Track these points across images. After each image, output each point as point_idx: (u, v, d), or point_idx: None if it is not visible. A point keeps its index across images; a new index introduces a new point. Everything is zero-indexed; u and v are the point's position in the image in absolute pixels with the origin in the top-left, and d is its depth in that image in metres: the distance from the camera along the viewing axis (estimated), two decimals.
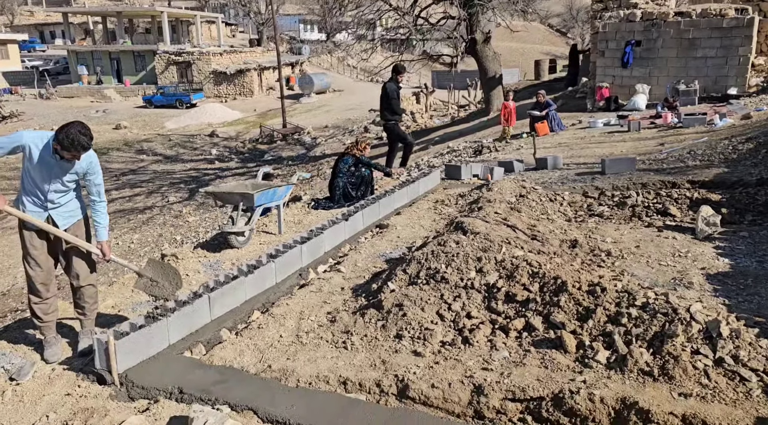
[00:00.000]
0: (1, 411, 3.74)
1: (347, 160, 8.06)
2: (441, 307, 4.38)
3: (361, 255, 6.12)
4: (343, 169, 7.99)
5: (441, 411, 3.52)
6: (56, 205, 4.18)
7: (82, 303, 4.43)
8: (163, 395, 3.83)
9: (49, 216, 4.16)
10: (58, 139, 3.82)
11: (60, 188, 4.12)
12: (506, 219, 5.82)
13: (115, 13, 50.22)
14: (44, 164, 3.96)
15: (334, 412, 3.53)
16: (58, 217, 4.20)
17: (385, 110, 10.04)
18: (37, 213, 4.11)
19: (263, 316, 4.88)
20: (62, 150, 3.85)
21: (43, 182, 4.04)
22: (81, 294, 4.39)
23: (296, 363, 4.10)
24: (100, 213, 4.31)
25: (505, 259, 4.55)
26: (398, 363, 3.92)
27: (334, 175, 8.10)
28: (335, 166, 8.16)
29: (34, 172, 4.00)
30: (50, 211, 4.16)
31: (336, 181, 8.02)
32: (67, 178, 4.08)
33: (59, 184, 4.08)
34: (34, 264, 4.18)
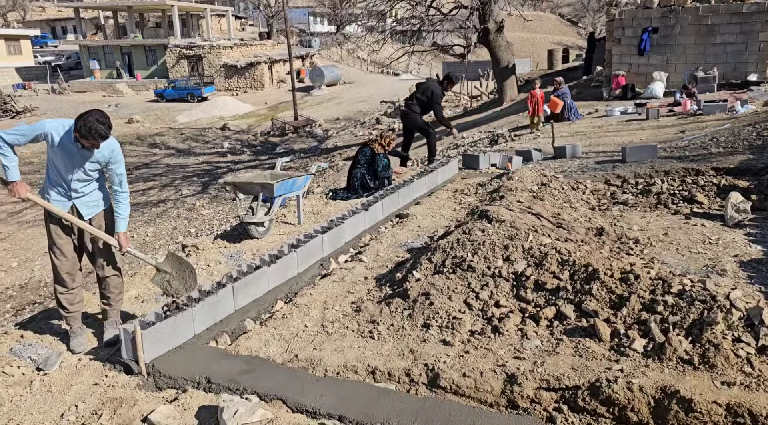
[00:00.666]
0: (30, 401, 3.72)
1: (366, 152, 7.99)
2: (468, 296, 4.31)
3: (383, 245, 6.07)
4: (362, 160, 7.94)
5: (473, 401, 3.47)
6: (80, 194, 4.16)
7: (108, 293, 4.40)
8: (191, 385, 3.80)
9: (73, 206, 4.15)
10: (77, 127, 3.80)
11: (83, 177, 4.08)
12: (530, 207, 5.74)
13: (126, 7, 50.27)
14: (66, 152, 3.94)
15: (364, 402, 3.48)
16: (82, 207, 4.18)
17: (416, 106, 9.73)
18: (62, 203, 4.10)
19: (287, 306, 4.84)
20: (81, 138, 3.82)
21: (66, 171, 4.02)
22: (106, 284, 4.36)
23: (323, 353, 4.06)
24: (122, 204, 4.26)
25: (533, 247, 4.48)
26: (427, 353, 3.86)
27: (354, 165, 8.03)
28: (355, 156, 8.10)
29: (57, 160, 3.99)
30: (74, 200, 4.14)
31: (354, 171, 7.96)
32: (90, 166, 4.05)
33: (81, 172, 4.05)
34: (59, 253, 4.16)
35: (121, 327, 3.99)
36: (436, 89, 9.76)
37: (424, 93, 9.72)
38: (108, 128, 3.86)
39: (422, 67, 54.36)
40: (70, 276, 4.22)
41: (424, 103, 9.69)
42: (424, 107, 9.74)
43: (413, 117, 9.64)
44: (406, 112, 9.79)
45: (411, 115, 9.66)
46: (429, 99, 9.65)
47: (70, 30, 64.99)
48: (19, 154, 4.10)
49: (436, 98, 9.70)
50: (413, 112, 9.61)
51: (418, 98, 9.71)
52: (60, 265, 4.17)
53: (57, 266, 4.18)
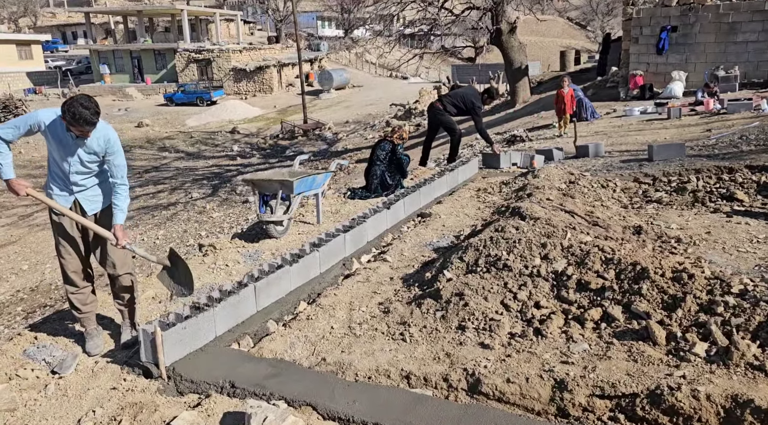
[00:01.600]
0: (45, 406, 3.51)
1: (385, 147, 7.76)
2: (506, 297, 4.07)
3: (407, 245, 5.83)
4: (381, 156, 7.70)
5: (518, 408, 3.22)
6: (81, 187, 3.90)
7: (121, 293, 4.17)
8: (215, 389, 3.58)
9: (75, 201, 3.92)
10: (63, 115, 3.56)
11: (81, 169, 3.83)
12: (562, 205, 5.49)
13: (136, 12, 50.38)
14: (61, 142, 3.72)
15: (400, 408, 3.24)
16: (84, 202, 3.93)
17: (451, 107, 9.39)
18: (63, 197, 3.88)
19: (311, 307, 4.61)
20: (69, 126, 3.59)
21: (63, 162, 3.78)
22: (118, 283, 4.11)
23: (352, 356, 3.82)
24: (120, 196, 3.97)
25: (573, 245, 4.23)
26: (465, 356, 3.62)
27: (372, 162, 7.80)
28: (372, 154, 7.86)
29: (55, 152, 3.78)
30: (76, 194, 3.91)
31: (373, 168, 7.72)
32: (86, 157, 3.79)
33: (79, 164, 3.80)
34: (65, 251, 3.95)
35: (141, 329, 3.77)
36: (477, 100, 9.41)
37: (463, 100, 9.34)
38: (95, 114, 3.58)
39: (430, 71, 54.23)
40: (78, 275, 4.01)
41: (460, 110, 9.35)
42: (459, 112, 9.40)
43: (445, 116, 9.23)
44: (437, 109, 9.34)
45: (442, 113, 9.27)
46: (467, 108, 9.30)
47: (81, 35, 65.24)
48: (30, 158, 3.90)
49: (477, 110, 9.37)
50: (446, 112, 9.25)
51: (455, 103, 9.34)
52: (66, 264, 3.97)
53: (63, 265, 3.98)
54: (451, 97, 9.59)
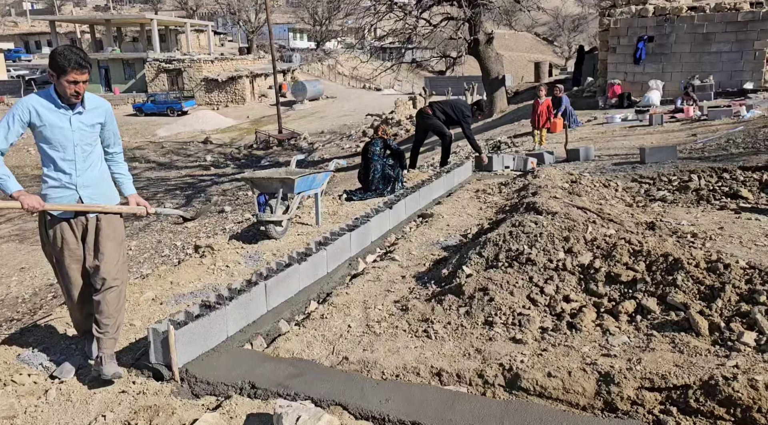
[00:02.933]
0: (47, 412, 3.23)
1: (377, 143, 7.65)
2: (532, 291, 3.93)
3: (413, 244, 5.67)
4: (377, 152, 7.58)
5: (561, 404, 3.06)
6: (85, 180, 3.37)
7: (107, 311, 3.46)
8: (234, 391, 3.35)
9: (80, 199, 3.39)
10: (55, 68, 3.14)
11: (86, 149, 3.35)
12: (572, 202, 5.40)
13: (104, 21, 49.56)
14: (57, 124, 3.24)
15: (437, 406, 3.06)
16: (87, 200, 3.40)
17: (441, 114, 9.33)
18: (67, 198, 3.36)
19: (323, 306, 4.40)
20: (66, 76, 3.13)
21: (63, 148, 3.28)
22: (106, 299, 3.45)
23: (376, 355, 3.64)
24: (123, 166, 3.64)
25: (597, 238, 4.12)
26: (497, 352, 3.46)
27: (368, 161, 7.64)
28: (365, 153, 7.72)
29: (52, 140, 3.26)
30: (80, 189, 3.38)
31: (372, 165, 7.56)
32: (88, 132, 3.34)
33: (81, 144, 3.32)
34: (70, 260, 3.41)
35: (150, 328, 3.52)
36: (467, 110, 9.47)
37: (453, 109, 9.36)
38: (85, 55, 3.21)
39: (403, 83, 54.48)
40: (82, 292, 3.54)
41: (449, 118, 9.32)
42: (448, 120, 9.35)
43: (434, 120, 9.18)
44: (427, 114, 9.29)
45: (431, 117, 9.21)
46: (457, 117, 9.30)
47: (45, 44, 63.85)
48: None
49: (467, 119, 9.40)
50: (435, 117, 9.19)
51: (445, 111, 9.30)
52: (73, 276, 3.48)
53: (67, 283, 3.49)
54: (441, 104, 9.61)
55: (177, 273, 5.18)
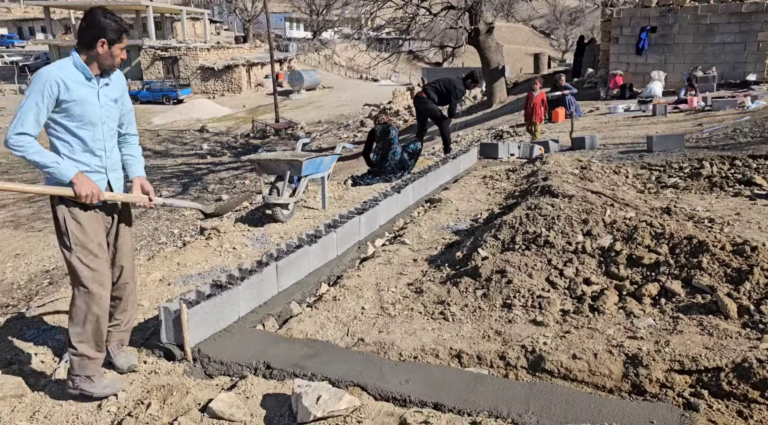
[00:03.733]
0: (57, 392, 3.12)
1: (391, 132, 7.55)
2: (551, 274, 3.85)
3: (423, 228, 5.58)
4: (395, 138, 7.50)
5: (587, 386, 2.99)
6: (113, 161, 3.05)
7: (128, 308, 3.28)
8: (248, 371, 3.26)
9: (108, 184, 3.04)
10: (102, 34, 2.77)
11: (113, 126, 3.02)
12: (585, 186, 5.31)
13: (99, 7, 48.96)
14: (87, 98, 2.84)
15: (459, 387, 2.98)
16: (115, 182, 3.09)
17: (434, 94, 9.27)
18: (98, 183, 2.92)
19: (335, 289, 4.31)
20: (113, 46, 2.81)
21: (94, 126, 2.89)
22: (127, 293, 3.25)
23: (392, 336, 3.55)
24: (137, 147, 3.25)
25: (617, 221, 4.04)
26: (518, 334, 3.38)
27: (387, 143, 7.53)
28: (376, 142, 7.61)
29: (82, 117, 2.84)
30: (109, 174, 3.03)
31: (392, 149, 7.46)
32: (113, 107, 2.98)
33: (110, 120, 2.97)
34: (98, 250, 2.96)
35: (162, 307, 3.42)
36: (459, 85, 9.52)
37: (446, 85, 9.39)
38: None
39: (400, 75, 54.25)
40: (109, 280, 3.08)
41: (443, 95, 9.33)
42: (441, 98, 9.37)
43: (429, 104, 9.25)
44: (421, 99, 9.36)
45: (426, 101, 9.26)
46: (449, 92, 9.32)
47: (39, 30, 63.17)
48: None
49: (457, 93, 9.45)
50: (429, 99, 9.21)
51: (437, 89, 9.36)
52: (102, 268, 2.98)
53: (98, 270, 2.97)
54: (432, 84, 9.58)
55: (183, 255, 5.08)
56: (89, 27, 2.82)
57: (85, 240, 2.93)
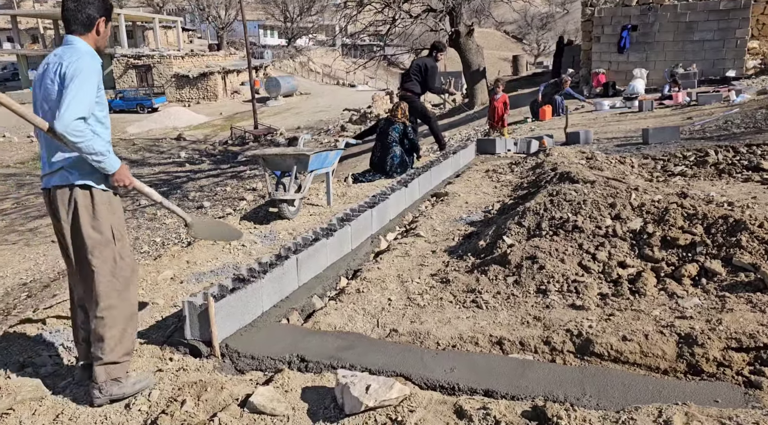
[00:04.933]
0: (78, 392, 2.93)
1: (397, 129, 7.39)
2: (583, 258, 3.76)
3: (435, 221, 5.46)
4: (396, 138, 7.34)
5: (639, 368, 2.89)
6: None
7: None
8: (282, 365, 3.10)
9: None
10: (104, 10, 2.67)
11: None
12: (600, 173, 5.25)
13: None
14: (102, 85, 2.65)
15: (506, 373, 2.86)
16: None
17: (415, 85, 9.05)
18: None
19: (356, 281, 4.17)
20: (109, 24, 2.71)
21: (106, 115, 2.71)
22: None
23: (426, 326, 3.42)
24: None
25: (646, 203, 3.97)
26: (559, 319, 3.28)
27: (385, 146, 7.37)
28: (381, 137, 7.46)
29: (104, 105, 2.68)
30: None
31: (390, 150, 7.31)
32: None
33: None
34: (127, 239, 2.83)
35: (187, 301, 3.25)
36: (429, 62, 9.10)
37: (419, 71, 9.08)
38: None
39: (376, 80, 54.26)
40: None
41: (421, 82, 9.06)
42: (422, 86, 9.09)
43: (413, 101, 8.87)
44: (404, 96, 9.02)
45: (410, 97, 8.90)
46: (424, 75, 9.03)
47: (4, 40, 61.86)
48: None
49: (430, 71, 9.02)
50: (414, 94, 8.89)
51: (414, 75, 9.05)
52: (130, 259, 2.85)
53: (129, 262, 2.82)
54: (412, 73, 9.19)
55: (192, 253, 4.89)
56: (85, 5, 2.62)
57: (123, 233, 2.80)
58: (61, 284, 13.84)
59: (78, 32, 2.63)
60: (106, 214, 2.70)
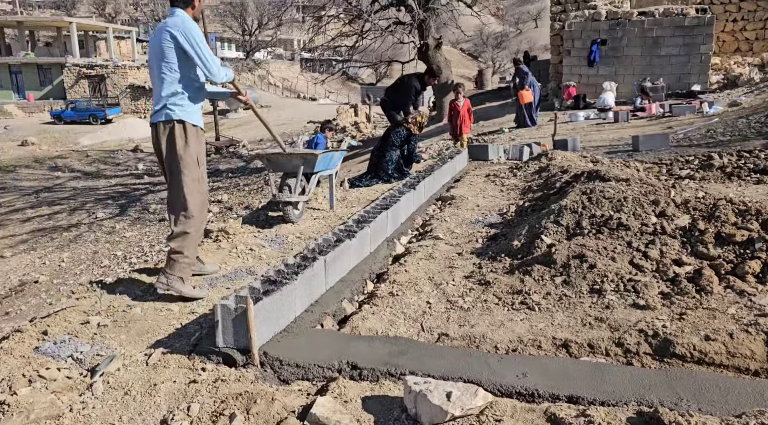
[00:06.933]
0: (102, 409, 2.55)
1: (400, 133, 7.15)
2: (634, 256, 3.56)
3: (450, 223, 5.21)
4: (396, 142, 7.08)
5: (726, 369, 2.69)
6: None
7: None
8: (332, 373, 2.78)
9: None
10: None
11: None
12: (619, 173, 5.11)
13: (15, 23, 46.36)
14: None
15: (584, 378, 2.62)
16: None
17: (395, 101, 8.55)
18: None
19: (386, 285, 3.87)
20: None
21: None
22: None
23: (479, 329, 3.16)
24: None
25: (691, 200, 3.82)
26: (625, 319, 3.06)
27: (385, 147, 7.11)
28: (385, 139, 7.19)
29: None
30: None
31: (389, 153, 7.04)
32: None
33: None
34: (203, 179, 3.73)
35: (219, 304, 2.89)
36: (416, 84, 8.67)
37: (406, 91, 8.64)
38: None
39: (335, 94, 54.07)
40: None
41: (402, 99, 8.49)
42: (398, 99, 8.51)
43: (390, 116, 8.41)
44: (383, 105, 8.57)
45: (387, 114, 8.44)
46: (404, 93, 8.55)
47: None
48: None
49: (412, 92, 8.58)
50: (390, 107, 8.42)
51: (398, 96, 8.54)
52: (204, 192, 3.72)
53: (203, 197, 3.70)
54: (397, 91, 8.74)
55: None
56: None
57: (203, 161, 3.72)
58: (13, 301, 13.01)
59: (180, 6, 3.59)
60: (194, 143, 3.61)
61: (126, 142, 34.41)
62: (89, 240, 17.82)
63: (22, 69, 44.30)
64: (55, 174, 28.24)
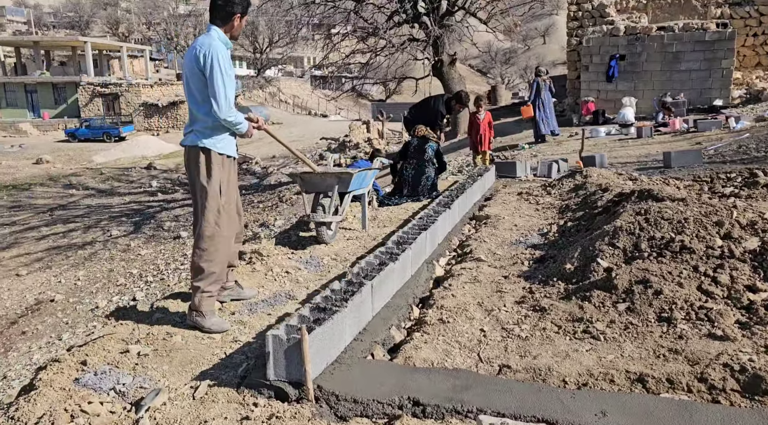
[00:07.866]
0: None
1: (433, 146, 7.01)
2: (702, 282, 3.36)
3: (490, 244, 5.02)
4: (432, 156, 6.94)
5: None
6: None
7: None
8: (392, 409, 2.58)
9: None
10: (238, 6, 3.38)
11: None
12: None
13: (32, 43, 46.92)
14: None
15: (670, 419, 2.42)
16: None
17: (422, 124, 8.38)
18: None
19: (433, 311, 3.68)
20: (244, 18, 3.47)
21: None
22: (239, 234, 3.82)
23: (543, 360, 2.96)
24: None
25: (758, 221, 3.61)
26: (704, 351, 2.85)
27: (421, 163, 6.95)
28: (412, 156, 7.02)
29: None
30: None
31: (427, 171, 6.89)
32: None
33: None
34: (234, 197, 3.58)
35: (271, 335, 2.72)
36: (442, 109, 8.52)
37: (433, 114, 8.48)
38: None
39: (345, 111, 54.24)
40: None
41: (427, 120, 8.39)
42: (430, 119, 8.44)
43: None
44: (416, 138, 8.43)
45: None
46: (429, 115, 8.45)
47: None
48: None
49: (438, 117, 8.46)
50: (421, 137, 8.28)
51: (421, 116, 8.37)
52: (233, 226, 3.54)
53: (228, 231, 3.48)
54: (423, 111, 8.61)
55: None
56: (226, 3, 3.34)
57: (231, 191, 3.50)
58: (30, 320, 12.92)
59: (216, 24, 3.38)
60: (218, 173, 3.39)
61: (140, 159, 34.52)
62: (104, 258, 17.75)
63: (38, 88, 44.73)
64: (69, 191, 28.30)
